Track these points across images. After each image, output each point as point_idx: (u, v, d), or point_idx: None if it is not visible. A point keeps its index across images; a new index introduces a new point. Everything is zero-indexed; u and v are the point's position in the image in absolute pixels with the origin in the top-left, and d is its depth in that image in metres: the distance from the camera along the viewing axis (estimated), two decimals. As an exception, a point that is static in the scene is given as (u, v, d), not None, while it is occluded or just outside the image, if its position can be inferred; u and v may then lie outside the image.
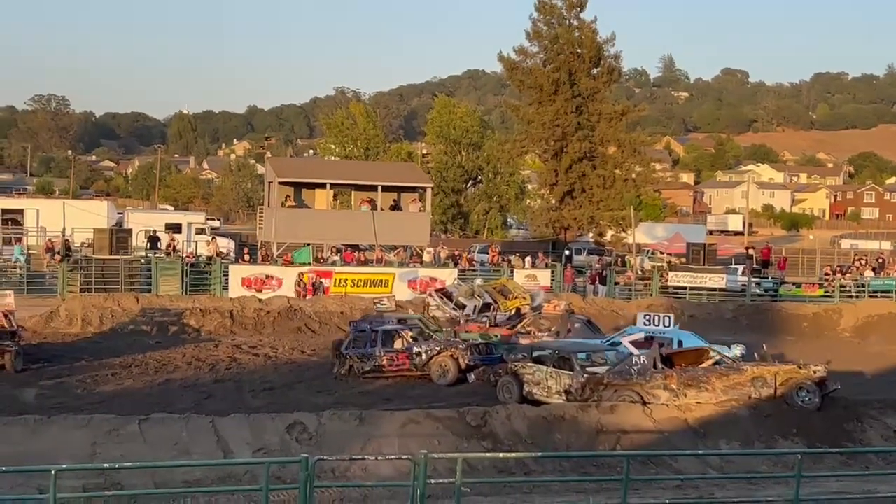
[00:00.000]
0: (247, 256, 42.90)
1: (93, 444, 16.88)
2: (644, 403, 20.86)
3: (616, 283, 45.90)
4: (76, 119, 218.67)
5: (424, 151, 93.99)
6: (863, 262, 53.44)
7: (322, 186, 44.15)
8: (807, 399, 21.33)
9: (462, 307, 34.43)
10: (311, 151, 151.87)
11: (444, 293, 36.15)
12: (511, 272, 43.69)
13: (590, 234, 64.14)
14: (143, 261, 41.71)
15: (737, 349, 26.26)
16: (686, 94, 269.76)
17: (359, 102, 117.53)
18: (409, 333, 27.25)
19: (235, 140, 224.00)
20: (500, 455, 17.54)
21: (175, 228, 53.34)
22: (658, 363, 21.90)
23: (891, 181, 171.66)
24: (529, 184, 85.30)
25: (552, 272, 45.53)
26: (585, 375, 21.97)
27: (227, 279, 39.49)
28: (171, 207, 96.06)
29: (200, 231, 55.86)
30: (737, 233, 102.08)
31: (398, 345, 26.82)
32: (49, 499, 11.67)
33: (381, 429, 18.51)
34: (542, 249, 55.23)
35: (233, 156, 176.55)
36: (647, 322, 25.78)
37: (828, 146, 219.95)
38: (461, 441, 18.47)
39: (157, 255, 43.12)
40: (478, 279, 38.89)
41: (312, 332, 35.33)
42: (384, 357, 26.33)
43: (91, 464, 15.45)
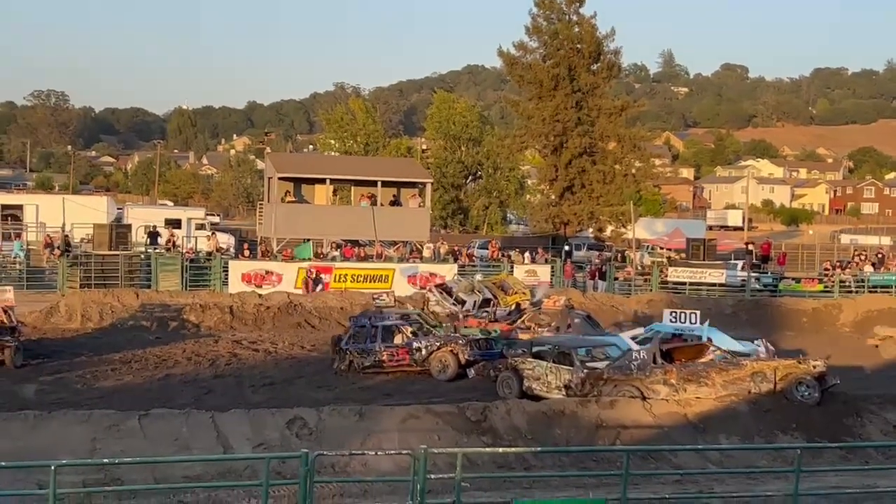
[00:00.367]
0: (246, 252, 42.90)
1: (92, 440, 16.88)
2: (644, 398, 20.87)
3: (616, 279, 45.89)
4: (75, 114, 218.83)
5: (424, 147, 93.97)
6: (862, 258, 53.40)
7: (322, 182, 44.16)
8: (806, 394, 21.35)
9: (462, 302, 34.46)
10: (311, 147, 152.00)
11: (444, 288, 36.17)
12: (511, 268, 43.72)
13: (589, 230, 64.14)
14: (143, 256, 41.70)
15: (761, 346, 26.22)
16: (686, 90, 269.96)
17: (358, 98, 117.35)
18: (409, 329, 27.25)
19: (235, 135, 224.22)
20: (500, 450, 17.54)
21: (175, 224, 53.39)
22: (658, 358, 21.91)
23: (890, 176, 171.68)
24: (529, 179, 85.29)
25: (552, 267, 45.54)
26: (585, 370, 21.97)
27: (227, 275, 39.47)
28: (171, 203, 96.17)
29: (200, 226, 55.92)
30: (736, 228, 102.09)
31: (398, 340, 26.81)
32: (49, 494, 11.67)
33: (381, 424, 18.51)
34: (542, 245, 55.23)
35: (232, 151, 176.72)
36: (674, 319, 25.73)
37: (827, 141, 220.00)
38: (461, 436, 18.47)
39: (157, 251, 43.10)
40: (477, 275, 38.93)
41: (312, 328, 35.31)
42: (384, 352, 26.32)
43: (91, 459, 15.46)
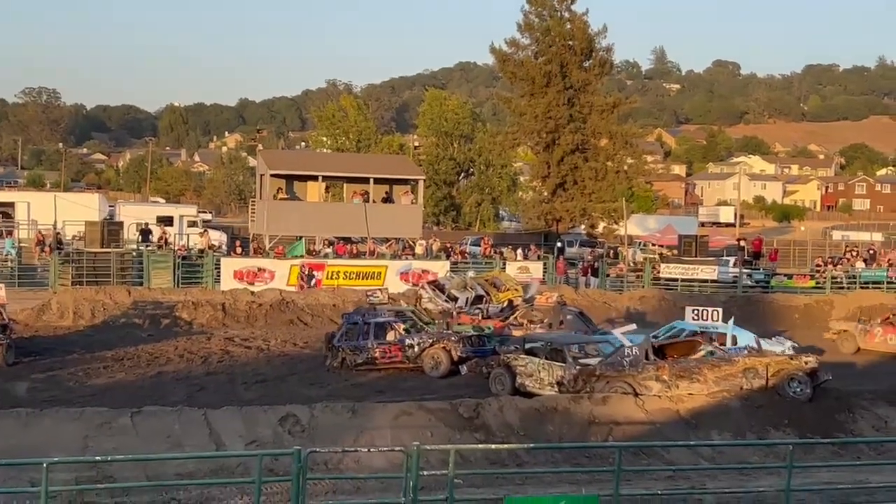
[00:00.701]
0: (239, 249, 42.87)
1: (85, 437, 16.86)
2: (636, 395, 20.90)
3: (608, 275, 45.94)
4: (67, 112, 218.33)
5: (416, 144, 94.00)
6: (854, 254, 53.52)
7: (314, 179, 44.10)
8: (798, 390, 21.40)
9: (454, 299, 34.41)
10: (303, 144, 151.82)
11: (437, 285, 36.13)
12: (503, 264, 43.73)
13: (582, 226, 64.18)
14: (135, 254, 41.65)
15: (787, 343, 26.27)
16: (677, 86, 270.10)
17: (350, 95, 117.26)
18: (402, 325, 27.26)
19: (227, 133, 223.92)
20: (493, 447, 17.56)
21: (167, 221, 53.32)
22: (650, 354, 21.94)
23: (881, 172, 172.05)
24: (521, 176, 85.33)
25: (544, 264, 45.58)
26: (578, 367, 22.00)
27: (219, 272, 39.42)
28: (163, 200, 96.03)
29: (192, 224, 55.84)
30: (728, 224, 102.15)
31: (390, 337, 26.81)
32: (41, 492, 11.65)
33: (374, 421, 18.52)
34: (535, 241, 55.26)
35: (224, 148, 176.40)
36: (696, 317, 25.78)
37: (819, 138, 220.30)
38: (454, 433, 18.49)
39: (149, 248, 43.05)
40: (470, 271, 38.90)
41: (305, 325, 35.30)
42: (377, 349, 26.32)
43: (83, 457, 15.44)
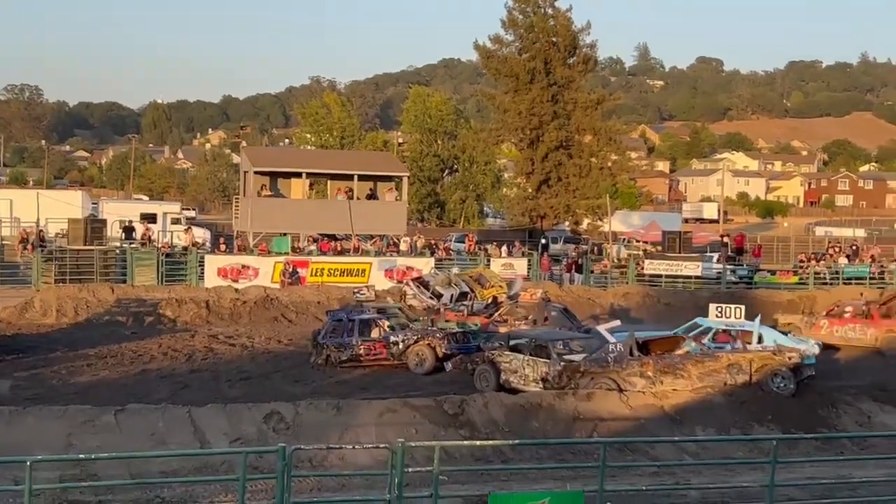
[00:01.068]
0: (223, 246, 42.78)
1: (68, 435, 16.79)
2: (620, 391, 20.92)
3: (592, 272, 46.02)
4: (49, 109, 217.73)
5: (400, 140, 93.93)
6: (837, 250, 53.74)
7: (298, 176, 44.03)
8: (782, 385, 21.48)
9: (439, 296, 34.40)
10: (287, 141, 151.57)
11: (421, 282, 36.10)
12: (488, 261, 43.75)
13: (566, 223, 64.27)
14: (118, 251, 41.51)
15: (811, 340, 26.34)
16: (661, 83, 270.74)
17: (334, 92, 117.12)
18: (387, 322, 27.26)
19: (210, 129, 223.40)
20: (478, 443, 17.56)
21: (150, 218, 53.14)
22: (634, 350, 21.98)
23: (864, 169, 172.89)
24: (506, 172, 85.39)
25: (529, 260, 45.62)
26: (562, 363, 22.03)
27: (203, 269, 39.37)
28: (146, 197, 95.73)
29: (176, 221, 55.69)
30: (712, 221, 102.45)
31: (375, 334, 26.81)
32: (24, 490, 11.60)
33: (359, 418, 18.50)
34: (519, 238, 55.35)
35: (208, 145, 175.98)
36: (720, 314, 25.85)
37: (802, 134, 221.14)
38: (439, 429, 18.48)
39: (133, 246, 42.93)
40: (454, 268, 38.90)
41: (289, 322, 35.26)
42: (361, 346, 26.30)
43: (67, 455, 15.37)
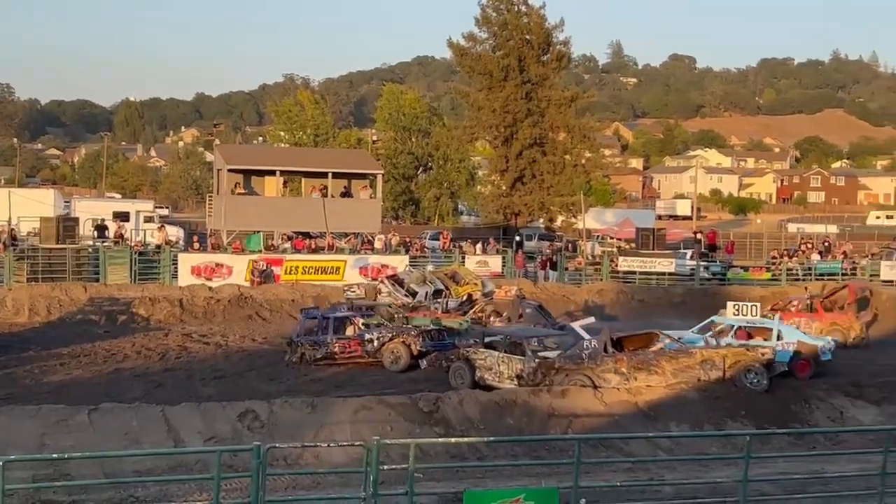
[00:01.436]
0: (196, 244, 42.60)
1: (42, 435, 16.71)
2: (595, 387, 21.00)
3: (566, 269, 46.06)
4: (21, 107, 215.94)
5: (374, 138, 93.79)
6: (809, 246, 54.02)
7: (272, 174, 43.89)
8: (755, 381, 21.61)
9: (413, 294, 34.42)
10: (261, 139, 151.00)
11: (396, 280, 36.10)
12: (462, 258, 43.76)
13: (540, 220, 64.30)
14: (91, 250, 41.24)
15: (828, 338, 26.51)
16: (634, 80, 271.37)
17: (307, 89, 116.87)
18: (361, 320, 27.25)
19: (183, 127, 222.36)
20: (453, 440, 17.59)
21: (123, 217, 52.77)
22: (608, 347, 22.05)
23: (836, 165, 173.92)
24: (480, 170, 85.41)
25: (503, 258, 45.66)
26: (537, 360, 22.07)
27: (177, 267, 39.19)
28: (119, 196, 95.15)
29: (149, 219, 55.35)
30: (685, 217, 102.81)
31: (350, 332, 26.80)
32: (-3, 490, 11.52)
33: (334, 416, 18.49)
34: (493, 235, 55.35)
35: (181, 143, 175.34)
36: (737, 312, 25.99)
37: (774, 131, 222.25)
38: (414, 427, 18.50)
39: (105, 244, 42.66)
40: (429, 265, 38.92)
41: (263, 320, 35.22)
42: (336, 344, 26.29)
43: (40, 454, 15.29)
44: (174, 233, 51.56)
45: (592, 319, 27.82)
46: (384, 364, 25.68)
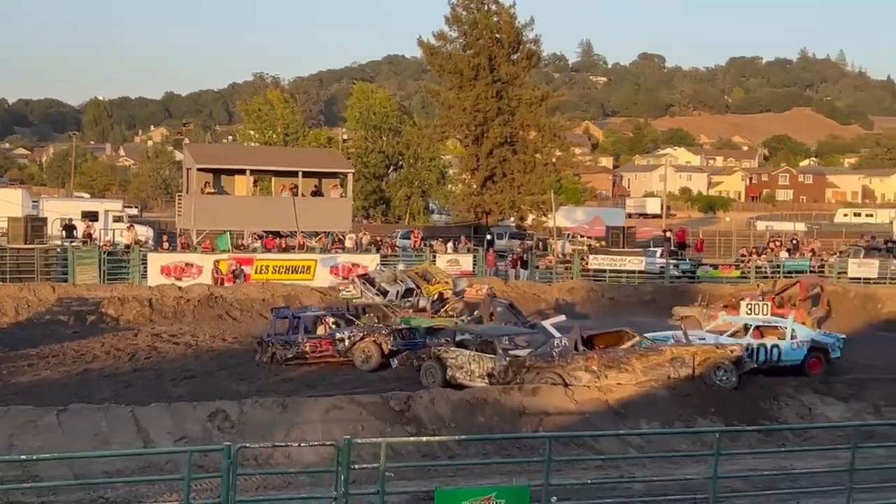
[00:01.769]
0: (166, 244, 42.37)
1: (10, 436, 16.58)
2: (566, 385, 21.05)
3: (537, 267, 46.18)
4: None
5: (345, 137, 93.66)
6: (778, 244, 54.36)
7: (242, 173, 43.72)
8: (724, 378, 21.73)
9: (385, 293, 34.39)
10: (230, 138, 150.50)
11: (367, 279, 36.06)
12: (433, 257, 43.78)
13: (511, 219, 64.46)
14: (59, 250, 40.98)
15: (837, 335, 26.71)
16: (604, 79, 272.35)
17: (277, 88, 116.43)
18: (331, 319, 27.21)
19: (152, 126, 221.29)
20: (424, 439, 17.59)
21: (92, 216, 52.39)
22: (579, 345, 22.11)
23: (804, 163, 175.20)
24: (450, 169, 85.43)
25: (474, 256, 45.70)
26: (508, 358, 22.09)
27: (146, 267, 38.99)
28: (88, 195, 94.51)
29: (118, 219, 55.01)
30: (655, 216, 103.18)
31: (321, 331, 26.74)
32: (-35, 492, 11.45)
33: (305, 415, 18.45)
34: (464, 234, 55.39)
35: (150, 142, 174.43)
36: (750, 311, 26.10)
37: (743, 130, 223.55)
38: (385, 426, 18.49)
39: (74, 244, 42.37)
40: (400, 264, 38.91)
41: (234, 320, 35.07)
42: (307, 343, 26.22)
43: (8, 456, 15.17)
44: (143, 232, 51.25)
45: (563, 318, 27.87)
46: (355, 363, 25.65)
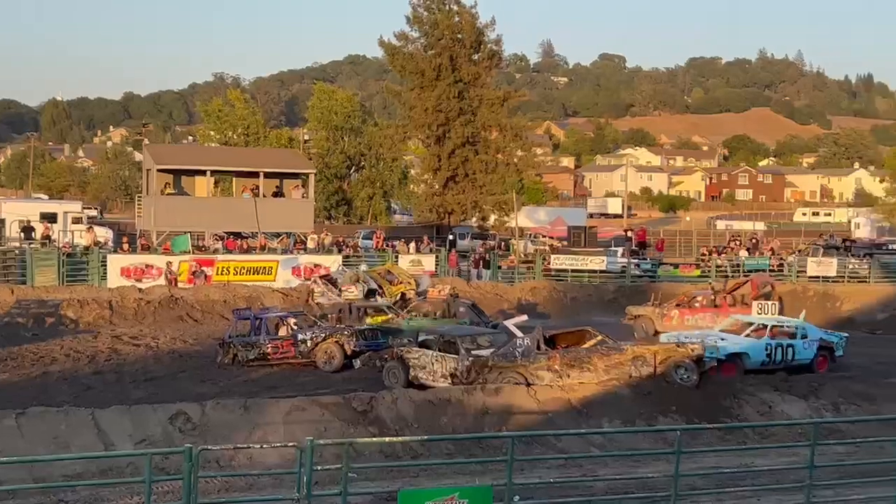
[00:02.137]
0: (126, 246, 42.08)
1: (-33, 440, 16.41)
2: (528, 385, 21.08)
3: (499, 267, 46.26)
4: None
5: (306, 137, 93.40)
6: (737, 243, 54.83)
7: (202, 173, 43.48)
8: (685, 376, 21.83)
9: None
10: (191, 138, 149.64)
11: (329, 279, 35.99)
12: (396, 257, 43.75)
13: (473, 219, 64.54)
14: (18, 251, 40.62)
15: (843, 337, 26.89)
16: (565, 80, 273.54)
17: (237, 88, 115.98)
18: (293, 320, 27.13)
19: (112, 127, 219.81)
20: (387, 440, 17.57)
21: (50, 218, 51.94)
22: (541, 345, 22.16)
23: (763, 163, 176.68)
24: (412, 169, 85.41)
25: (436, 257, 45.71)
26: (470, 358, 22.11)
27: (106, 269, 38.70)
28: (46, 197, 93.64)
29: (77, 220, 54.55)
30: (616, 215, 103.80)
31: (283, 332, 26.65)
32: (-78, 498, 11.31)
33: (267, 417, 18.38)
34: (427, 234, 55.39)
35: (109, 143, 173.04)
36: (761, 311, 26.20)
37: (703, 130, 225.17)
38: (348, 427, 18.45)
39: (32, 246, 41.97)
40: (362, 265, 38.85)
41: (195, 322, 34.87)
42: (269, 345, 26.12)
43: (-34, 461, 15.01)
44: (103, 234, 50.88)
45: (525, 317, 27.96)
46: (318, 364, 25.59)
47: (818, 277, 45.19)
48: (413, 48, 60.75)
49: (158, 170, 42.52)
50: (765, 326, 25.61)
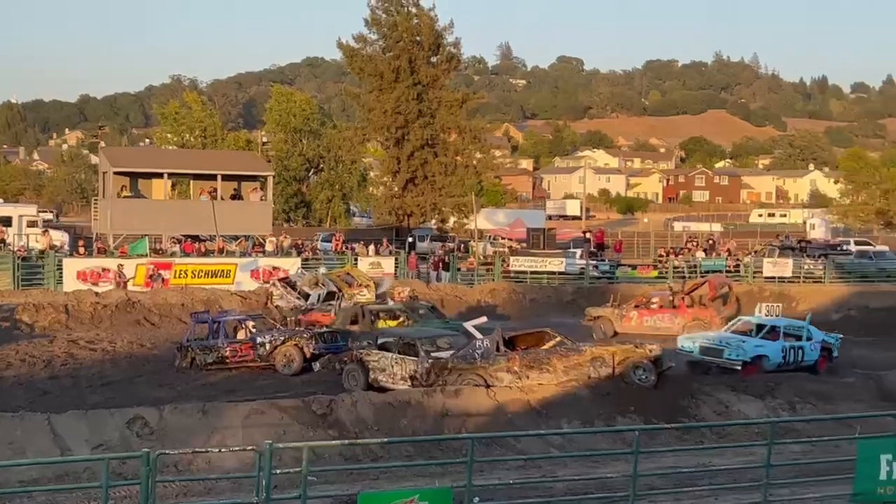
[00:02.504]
0: (82, 249, 41.73)
1: (-79, 447, 16.21)
2: (488, 386, 21.13)
3: (459, 269, 46.32)
4: None
5: (264, 140, 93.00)
6: (694, 244, 55.17)
7: (159, 176, 43.24)
8: (643, 377, 21.97)
9: (306, 296, 34.26)
10: (147, 141, 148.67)
11: (288, 282, 35.90)
12: (355, 260, 43.71)
13: (432, 221, 64.55)
14: (-28, 256, 40.17)
15: (839, 337, 27.12)
16: (524, 82, 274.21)
17: (195, 90, 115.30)
18: (252, 323, 27.02)
19: (67, 130, 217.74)
20: (347, 442, 17.53)
21: (5, 221, 51.41)
22: (501, 346, 22.20)
23: (720, 165, 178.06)
24: (372, 172, 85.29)
25: (396, 259, 45.71)
26: (430, 361, 22.13)
27: (62, 273, 38.38)
28: (1, 200, 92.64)
29: (32, 224, 54.00)
30: (575, 217, 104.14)
31: (241, 335, 26.53)
32: None
33: (225, 421, 18.29)
34: (386, 237, 55.35)
35: (65, 146, 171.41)
36: (769, 313, 26.37)
37: (660, 132, 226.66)
38: (307, 430, 18.40)
39: (-14, 250, 41.57)
40: (322, 268, 38.77)
41: (152, 325, 34.64)
42: (227, 348, 26.00)
43: (-81, 467, 14.84)
44: (59, 237, 50.39)
45: (485, 319, 27.98)
46: (277, 368, 25.50)
47: (774, 278, 45.64)
48: (372, 50, 60.72)
49: (115, 172, 42.20)
50: (776, 328, 25.94)
